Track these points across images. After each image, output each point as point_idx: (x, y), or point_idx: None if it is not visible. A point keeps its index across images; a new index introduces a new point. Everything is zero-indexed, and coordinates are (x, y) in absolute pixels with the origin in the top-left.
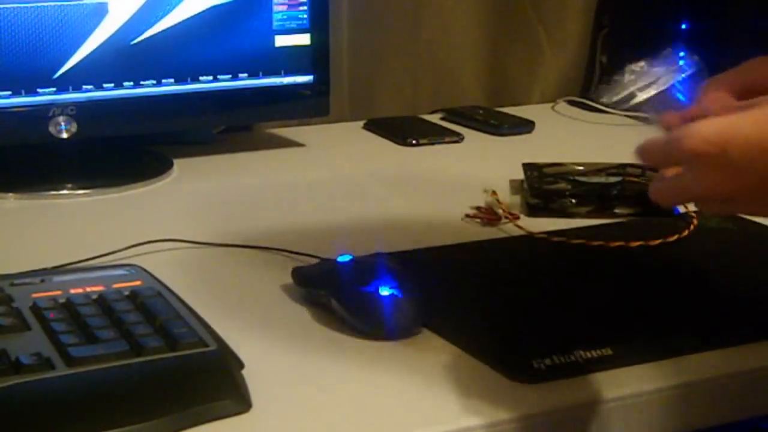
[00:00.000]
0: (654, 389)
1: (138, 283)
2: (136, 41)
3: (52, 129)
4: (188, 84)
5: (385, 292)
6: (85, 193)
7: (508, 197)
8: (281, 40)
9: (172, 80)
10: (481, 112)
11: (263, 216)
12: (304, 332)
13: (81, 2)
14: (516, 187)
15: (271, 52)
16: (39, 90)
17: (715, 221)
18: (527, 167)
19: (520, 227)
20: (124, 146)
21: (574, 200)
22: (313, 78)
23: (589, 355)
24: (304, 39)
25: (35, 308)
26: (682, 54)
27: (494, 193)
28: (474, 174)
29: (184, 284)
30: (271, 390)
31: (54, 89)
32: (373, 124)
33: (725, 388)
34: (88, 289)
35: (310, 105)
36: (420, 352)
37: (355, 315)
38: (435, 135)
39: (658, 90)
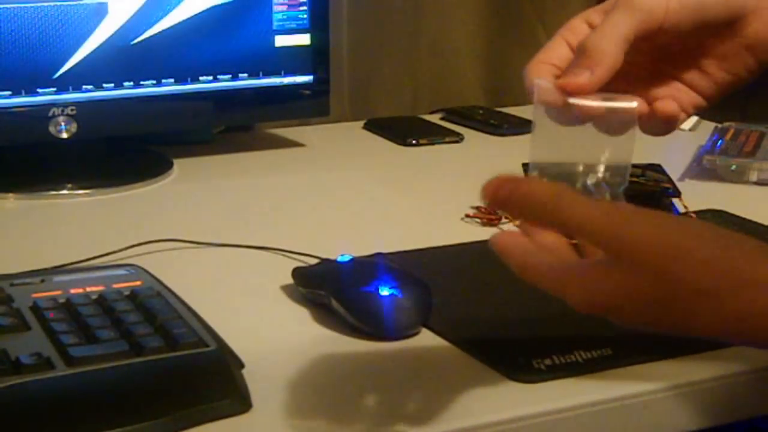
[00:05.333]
0: (654, 389)
1: (138, 283)
2: (136, 41)
3: (52, 129)
4: (188, 84)
5: (385, 292)
6: (85, 193)
7: None
8: (281, 40)
9: (172, 80)
10: (481, 112)
11: (263, 216)
12: (304, 332)
13: (81, 2)
14: None
15: (271, 52)
16: (39, 90)
17: (715, 221)
18: (527, 167)
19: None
20: (124, 146)
21: None
22: (313, 78)
23: (589, 355)
24: (304, 39)
25: (35, 308)
26: None
27: None
28: (474, 174)
29: (184, 284)
30: (271, 390)
31: (54, 89)
32: (373, 124)
33: (725, 389)
34: (88, 289)
35: (310, 105)
36: (420, 352)
37: (355, 315)
38: (435, 135)
39: None
